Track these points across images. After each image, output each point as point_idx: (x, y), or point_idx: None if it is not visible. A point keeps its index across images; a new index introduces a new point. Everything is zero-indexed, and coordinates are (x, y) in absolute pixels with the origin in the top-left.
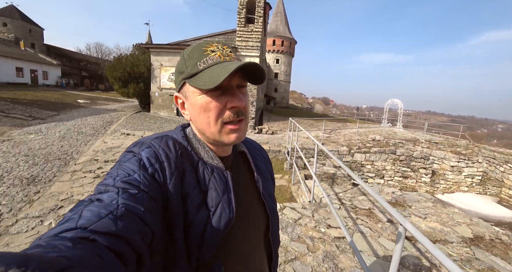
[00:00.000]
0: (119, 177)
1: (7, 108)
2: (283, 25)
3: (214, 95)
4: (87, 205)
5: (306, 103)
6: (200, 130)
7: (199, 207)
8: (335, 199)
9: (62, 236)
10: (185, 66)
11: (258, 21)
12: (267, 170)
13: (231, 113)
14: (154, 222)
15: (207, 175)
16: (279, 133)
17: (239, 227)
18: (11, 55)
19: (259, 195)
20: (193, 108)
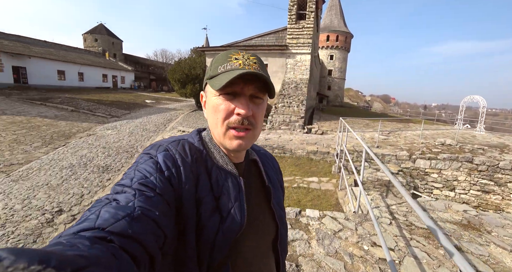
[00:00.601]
0: (136, 179)
1: (94, 108)
2: (338, 18)
3: (226, 98)
4: (104, 206)
5: (363, 102)
6: (211, 129)
7: (212, 212)
8: (385, 212)
9: (81, 235)
10: (210, 68)
11: (310, 16)
12: (278, 180)
13: (237, 119)
14: (167, 226)
15: (220, 180)
16: (330, 134)
17: (248, 233)
18: (99, 65)
19: (269, 204)
20: (208, 107)
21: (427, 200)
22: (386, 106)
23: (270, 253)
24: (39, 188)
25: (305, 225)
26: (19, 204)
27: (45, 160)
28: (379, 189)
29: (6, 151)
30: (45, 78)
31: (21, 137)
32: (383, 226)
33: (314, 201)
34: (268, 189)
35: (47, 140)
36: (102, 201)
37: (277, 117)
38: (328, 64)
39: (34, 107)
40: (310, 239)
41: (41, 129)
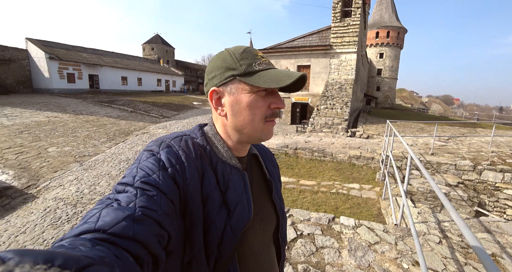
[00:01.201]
0: (138, 177)
1: (149, 109)
2: (389, 13)
3: (261, 95)
4: (105, 207)
5: (418, 103)
6: (238, 127)
7: (219, 207)
8: (435, 228)
9: (82, 237)
10: (238, 64)
11: (356, 13)
12: (276, 174)
13: (272, 112)
14: (170, 225)
15: (226, 175)
16: (376, 138)
17: (253, 227)
18: (155, 71)
19: (270, 196)
20: (238, 105)
21: (494, 220)
22: (447, 108)
23: (272, 244)
24: (102, 176)
25: (337, 233)
26: (87, 189)
27: (108, 154)
28: (432, 202)
29: (81, 144)
30: (112, 84)
31: (92, 133)
32: (430, 244)
33: (353, 209)
34: (270, 183)
35: (111, 136)
36: (104, 201)
37: (318, 119)
38: (377, 63)
39: (103, 108)
40: (341, 248)
41: (106, 127)
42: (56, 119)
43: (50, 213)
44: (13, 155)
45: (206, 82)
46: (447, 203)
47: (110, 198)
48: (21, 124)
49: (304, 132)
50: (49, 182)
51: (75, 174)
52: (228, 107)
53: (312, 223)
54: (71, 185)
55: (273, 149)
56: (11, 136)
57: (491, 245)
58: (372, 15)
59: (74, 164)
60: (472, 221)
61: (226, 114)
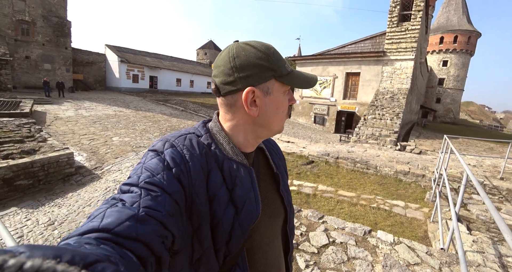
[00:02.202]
0: (143, 177)
1: (198, 109)
2: (458, 15)
3: (285, 94)
4: (110, 207)
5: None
6: (267, 125)
7: (227, 205)
8: (493, 261)
9: (87, 236)
10: (275, 64)
11: (416, 17)
12: (283, 166)
13: (289, 107)
14: (175, 225)
15: (232, 172)
16: (430, 154)
17: (261, 221)
18: (206, 74)
19: (278, 190)
20: (274, 104)
21: None
22: None
23: (280, 237)
24: None
25: (372, 247)
26: None
27: None
28: (496, 234)
29: (138, 136)
30: (168, 85)
31: (148, 127)
32: None
33: (395, 227)
34: (277, 176)
35: (163, 131)
36: (109, 201)
37: (365, 130)
38: (439, 72)
39: (158, 106)
40: (374, 263)
41: (160, 123)
42: (121, 113)
43: (109, 192)
44: (87, 141)
45: (233, 79)
46: (508, 235)
47: (115, 198)
48: (95, 116)
49: (348, 142)
50: (111, 166)
51: (131, 161)
52: (263, 107)
53: (346, 232)
54: (128, 170)
55: (313, 156)
56: (87, 125)
57: None
58: (436, 18)
59: (131, 153)
60: None
61: (258, 114)
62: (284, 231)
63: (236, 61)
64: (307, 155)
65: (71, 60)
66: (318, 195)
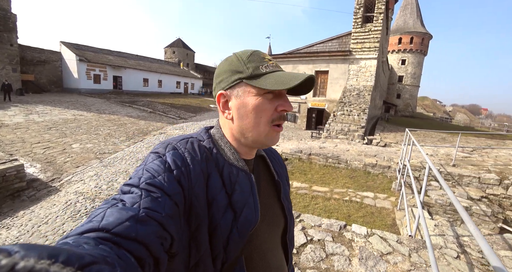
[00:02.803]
0: (144, 178)
1: (167, 110)
2: (413, 18)
3: (268, 98)
4: (110, 207)
5: (441, 112)
6: (243, 130)
7: (225, 209)
8: (453, 242)
9: (86, 236)
10: (244, 67)
11: (378, 18)
12: (284, 174)
13: (279, 116)
14: (174, 227)
15: (232, 177)
16: (393, 147)
17: (260, 228)
18: (174, 73)
19: (279, 198)
20: (244, 108)
21: None
22: (473, 119)
23: (280, 246)
24: (120, 173)
25: (348, 241)
26: (105, 185)
27: (127, 152)
28: (451, 215)
29: (102, 142)
30: (134, 85)
31: (113, 132)
32: (447, 258)
33: (366, 218)
34: (278, 184)
35: (130, 135)
36: (109, 201)
37: (334, 126)
38: (398, 70)
39: (124, 108)
40: (351, 257)
41: (127, 126)
42: (81, 117)
43: (70, 206)
44: (41, 150)
45: (214, 86)
46: (466, 216)
47: (115, 198)
48: (50, 121)
49: (319, 138)
50: (71, 177)
51: (95, 170)
52: (235, 110)
53: (323, 229)
54: (91, 180)
55: (287, 153)
56: (40, 132)
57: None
58: (395, 21)
59: (94, 161)
60: (495, 238)
61: (232, 118)
62: (284, 241)
63: (216, 70)
64: (280, 153)
65: (18, 59)
66: (293, 192)
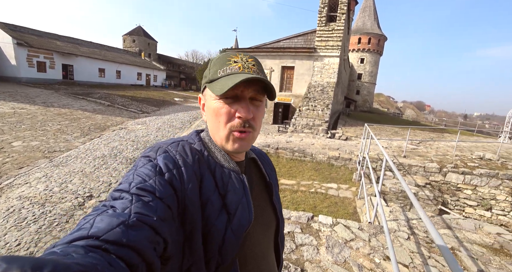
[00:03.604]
0: (134, 183)
1: (127, 104)
2: (371, 20)
3: (226, 102)
4: (100, 213)
5: (394, 108)
6: (211, 133)
7: (220, 211)
8: (404, 226)
9: (75, 244)
10: (208, 71)
11: (341, 18)
12: (274, 177)
13: (239, 122)
14: (167, 231)
15: (225, 178)
16: (354, 140)
17: (254, 230)
18: (135, 64)
19: (271, 199)
20: (208, 111)
21: (454, 217)
22: (419, 114)
23: (272, 248)
24: (75, 174)
25: (316, 231)
26: (57, 187)
27: (82, 149)
28: (403, 201)
29: (51, 139)
30: (88, 75)
31: (64, 127)
32: (400, 240)
33: (331, 207)
34: (270, 185)
35: (85, 131)
36: (99, 208)
37: (300, 120)
38: (358, 68)
39: (77, 101)
40: (319, 246)
41: (81, 121)
42: (23, 111)
43: (14, 213)
44: None
45: None
46: (416, 203)
47: (105, 205)
48: None
49: (285, 132)
50: (13, 180)
51: (44, 171)
52: (206, 113)
53: (292, 221)
54: (39, 182)
55: None
56: None
57: (451, 240)
58: (355, 21)
59: (42, 160)
60: (436, 219)
61: (206, 120)
62: (276, 243)
63: None
64: None
65: None
66: None
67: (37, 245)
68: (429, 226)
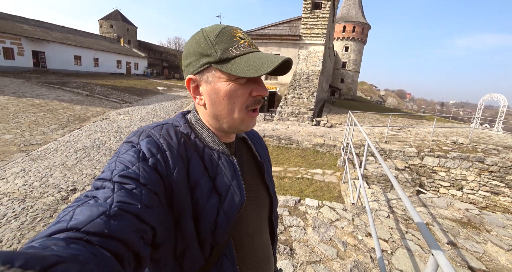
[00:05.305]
0: (116, 171)
1: (108, 93)
2: (356, 9)
3: (241, 82)
4: (81, 204)
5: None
6: (217, 116)
7: (210, 193)
8: (384, 205)
9: (54, 237)
10: (213, 49)
11: (326, 6)
12: (266, 155)
13: (254, 101)
14: (154, 218)
15: (214, 160)
16: (338, 127)
17: (247, 210)
18: (114, 51)
19: (263, 178)
20: (216, 94)
21: (429, 196)
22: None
23: (266, 226)
24: (55, 167)
25: (303, 213)
26: (37, 182)
27: (61, 142)
28: (384, 184)
29: (26, 132)
30: (62, 63)
31: (40, 119)
32: (380, 218)
33: (317, 192)
34: (261, 165)
35: (64, 123)
36: (81, 199)
37: (286, 108)
38: (342, 56)
39: (52, 90)
40: (306, 226)
41: (58, 112)
42: None
43: None
44: None
45: (183, 68)
46: (396, 184)
47: (87, 195)
48: None
49: (271, 120)
50: None
51: (21, 165)
52: (206, 96)
53: (280, 205)
54: (17, 177)
55: None
56: None
57: (426, 217)
58: (340, 10)
59: (18, 154)
60: (414, 198)
61: (204, 103)
62: (270, 221)
63: (184, 49)
64: None
65: None
66: None
67: (21, 242)
68: (408, 205)
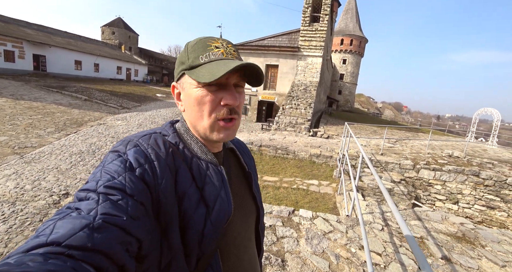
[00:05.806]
0: (102, 181)
1: (106, 99)
2: (353, 23)
3: (210, 89)
4: (62, 217)
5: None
6: (192, 123)
7: (198, 204)
8: (379, 218)
9: (32, 253)
10: (187, 57)
11: (324, 19)
12: (253, 166)
13: (225, 110)
14: (140, 230)
15: (202, 170)
16: (335, 138)
17: (234, 221)
18: (115, 57)
19: (251, 189)
20: (188, 100)
21: (424, 210)
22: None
23: (253, 237)
24: (49, 171)
25: (296, 224)
26: (29, 185)
27: (57, 145)
28: (379, 196)
29: (22, 134)
30: (63, 67)
31: (36, 122)
32: (374, 231)
33: (312, 203)
34: (249, 175)
35: (60, 126)
36: (63, 211)
37: (283, 118)
38: (340, 68)
39: (51, 94)
40: (299, 238)
41: (55, 115)
42: None
43: None
44: None
45: None
46: (388, 196)
47: (70, 207)
48: None
49: (269, 130)
50: None
51: (14, 167)
52: (184, 102)
53: (274, 215)
54: (9, 180)
55: None
56: None
57: (420, 230)
58: (338, 23)
59: (12, 156)
60: (409, 211)
61: (184, 109)
62: (256, 231)
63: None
64: None
65: None
66: None
67: (8, 246)
68: (398, 218)
